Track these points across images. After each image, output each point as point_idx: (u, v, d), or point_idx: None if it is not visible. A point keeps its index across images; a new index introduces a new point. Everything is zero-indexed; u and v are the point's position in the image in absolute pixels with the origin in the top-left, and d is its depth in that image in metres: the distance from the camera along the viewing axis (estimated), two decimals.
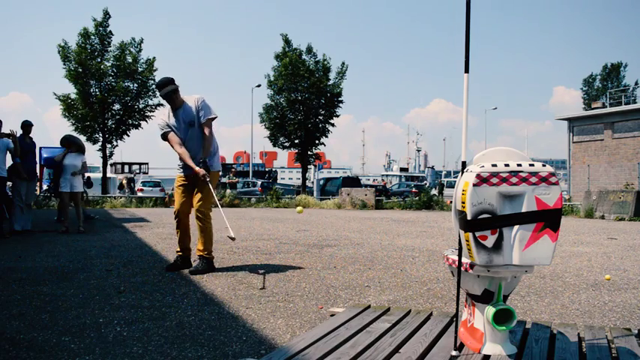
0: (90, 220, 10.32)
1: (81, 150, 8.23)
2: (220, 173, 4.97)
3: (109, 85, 23.50)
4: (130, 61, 23.56)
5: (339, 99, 27.20)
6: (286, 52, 26.74)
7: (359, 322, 2.52)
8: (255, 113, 63.18)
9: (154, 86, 24.27)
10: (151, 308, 3.18)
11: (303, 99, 26.81)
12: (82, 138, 23.10)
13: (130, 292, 3.63)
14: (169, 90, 4.43)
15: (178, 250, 4.68)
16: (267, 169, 47.20)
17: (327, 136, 27.69)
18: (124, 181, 25.44)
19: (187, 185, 4.58)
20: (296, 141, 27.53)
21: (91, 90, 23.29)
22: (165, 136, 4.55)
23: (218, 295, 3.58)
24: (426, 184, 35.97)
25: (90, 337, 2.57)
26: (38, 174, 11.48)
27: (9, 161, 7.56)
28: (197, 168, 4.40)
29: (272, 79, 27.14)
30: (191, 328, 2.75)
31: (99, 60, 23.24)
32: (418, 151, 77.66)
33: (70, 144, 8.08)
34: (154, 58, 23.94)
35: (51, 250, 5.89)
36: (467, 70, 2.11)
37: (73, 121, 23.20)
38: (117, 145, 24.98)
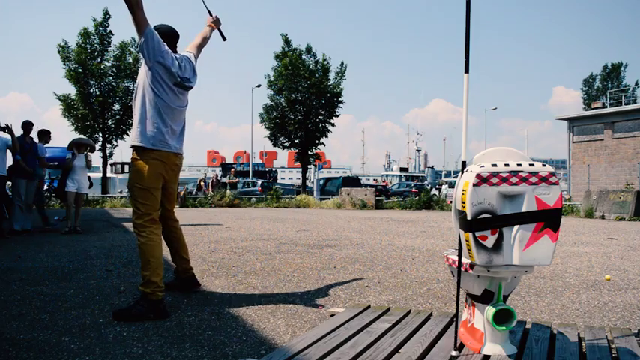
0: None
1: (93, 150, 8.51)
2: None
3: (109, 85, 23.51)
4: (130, 61, 23.57)
5: (339, 99, 27.22)
6: (286, 52, 26.76)
7: (359, 322, 2.52)
8: (255, 113, 63.20)
9: None
10: None
11: (303, 99, 26.82)
12: None
13: (130, 292, 3.63)
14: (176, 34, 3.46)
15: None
16: (267, 169, 47.15)
17: (327, 136, 27.73)
18: (202, 183, 24.88)
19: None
20: (296, 141, 27.55)
21: (91, 90, 23.31)
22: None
23: (218, 295, 3.58)
24: (426, 183, 35.93)
25: (90, 337, 2.57)
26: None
27: (9, 161, 7.57)
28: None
29: (272, 79, 27.16)
30: (191, 328, 2.75)
31: (99, 60, 23.26)
32: (418, 151, 77.70)
33: (80, 147, 8.21)
34: None
35: (51, 250, 5.89)
36: (467, 70, 2.11)
37: (73, 121, 23.24)
38: (117, 145, 25.03)
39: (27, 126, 7.94)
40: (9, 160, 7.57)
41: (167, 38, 3.32)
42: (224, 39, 3.86)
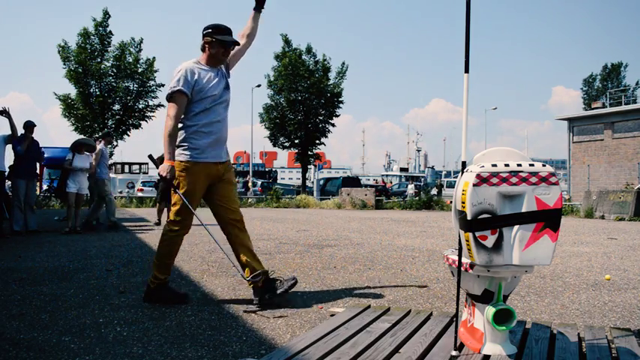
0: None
1: (92, 149, 8.52)
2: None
3: (109, 85, 23.52)
4: (130, 61, 23.58)
5: (339, 99, 27.24)
6: (286, 53, 26.77)
7: (359, 322, 2.52)
8: (255, 113, 63.22)
9: (154, 87, 24.29)
10: (150, 308, 3.18)
11: (303, 99, 26.83)
12: None
13: (129, 292, 3.63)
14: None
15: (164, 278, 3.33)
16: (267, 169, 47.20)
17: (327, 136, 27.76)
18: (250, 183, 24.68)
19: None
20: (296, 141, 27.57)
21: (91, 90, 23.32)
22: (173, 97, 3.07)
23: (218, 295, 3.58)
24: (421, 184, 35.58)
25: (90, 337, 2.57)
26: (38, 174, 11.45)
27: (9, 161, 7.58)
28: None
29: (272, 79, 27.18)
30: (191, 328, 2.74)
31: (99, 60, 23.26)
32: (418, 151, 77.73)
33: (80, 147, 8.24)
34: (154, 58, 24.00)
35: (51, 250, 5.89)
36: (467, 70, 2.11)
37: (73, 121, 23.26)
38: (117, 145, 25.06)
39: (28, 127, 7.95)
40: (9, 160, 7.57)
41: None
42: None
